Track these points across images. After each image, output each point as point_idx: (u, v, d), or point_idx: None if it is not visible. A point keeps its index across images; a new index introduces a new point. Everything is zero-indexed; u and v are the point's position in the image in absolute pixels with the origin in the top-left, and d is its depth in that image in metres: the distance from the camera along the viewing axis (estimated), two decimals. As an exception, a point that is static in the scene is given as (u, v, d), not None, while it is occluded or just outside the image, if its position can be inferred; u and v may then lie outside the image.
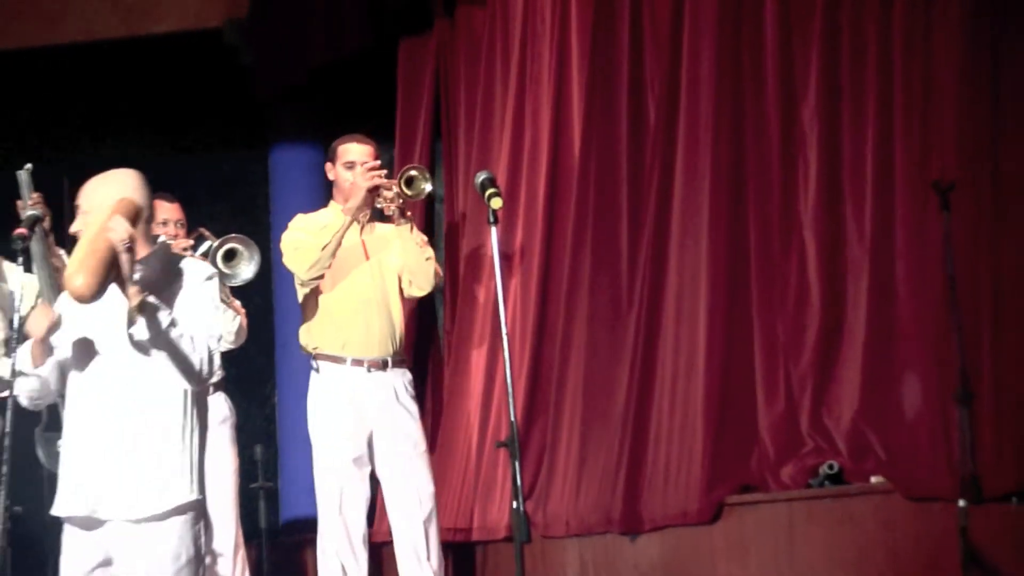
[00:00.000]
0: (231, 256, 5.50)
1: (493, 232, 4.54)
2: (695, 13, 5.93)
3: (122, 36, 7.41)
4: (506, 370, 4.42)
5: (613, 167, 6.08)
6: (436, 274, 5.55)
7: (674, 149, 5.90)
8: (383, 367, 5.42)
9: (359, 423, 5.38)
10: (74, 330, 3.80)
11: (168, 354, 3.67)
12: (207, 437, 5.42)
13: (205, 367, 3.74)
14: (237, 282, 5.53)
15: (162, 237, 3.97)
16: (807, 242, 5.70)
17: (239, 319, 5.62)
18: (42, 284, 4.99)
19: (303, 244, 5.36)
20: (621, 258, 6.01)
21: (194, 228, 5.62)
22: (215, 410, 5.61)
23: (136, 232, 3.72)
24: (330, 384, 5.41)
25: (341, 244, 5.33)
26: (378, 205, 5.44)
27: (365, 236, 5.51)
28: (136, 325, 3.61)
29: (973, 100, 5.36)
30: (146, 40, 7.41)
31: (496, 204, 4.55)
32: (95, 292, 3.53)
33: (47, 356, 3.79)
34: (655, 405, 5.72)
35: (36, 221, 4.46)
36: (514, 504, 4.23)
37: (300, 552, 6.19)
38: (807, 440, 5.51)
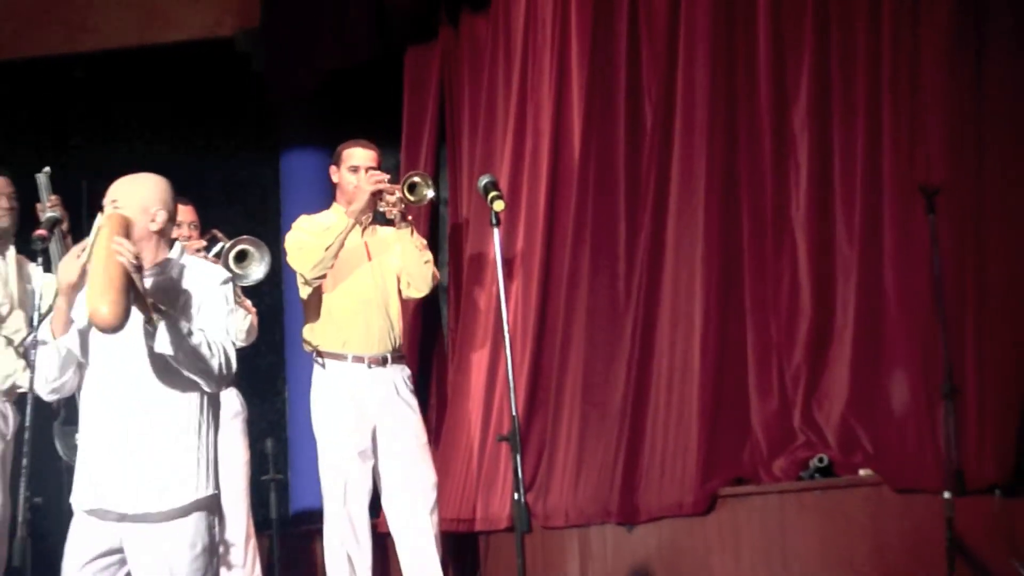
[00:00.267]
0: (242, 257, 5.50)
1: (495, 234, 4.54)
2: (690, 22, 5.94)
3: (140, 44, 7.41)
4: (508, 367, 4.41)
5: (611, 170, 6.08)
6: (434, 277, 5.55)
7: (670, 153, 5.91)
8: (383, 363, 5.43)
9: (362, 418, 5.38)
10: (93, 331, 3.71)
11: (188, 362, 3.65)
12: (220, 431, 5.45)
13: (224, 371, 3.72)
14: (248, 282, 5.52)
15: (175, 249, 3.92)
16: (798, 243, 5.71)
17: (250, 318, 5.61)
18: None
19: (307, 244, 5.37)
20: (619, 258, 6.01)
21: (207, 229, 5.61)
22: (227, 405, 5.61)
23: (142, 235, 3.71)
24: (332, 380, 5.41)
25: (344, 245, 5.33)
26: (380, 209, 5.44)
27: (367, 238, 5.51)
28: (156, 338, 3.58)
29: (959, 107, 5.37)
30: (162, 48, 7.41)
31: (498, 206, 4.55)
32: (121, 319, 3.48)
33: (68, 327, 3.68)
34: (651, 401, 5.73)
35: (55, 223, 4.46)
36: (515, 496, 4.22)
37: (309, 542, 6.18)
38: (798, 434, 5.53)
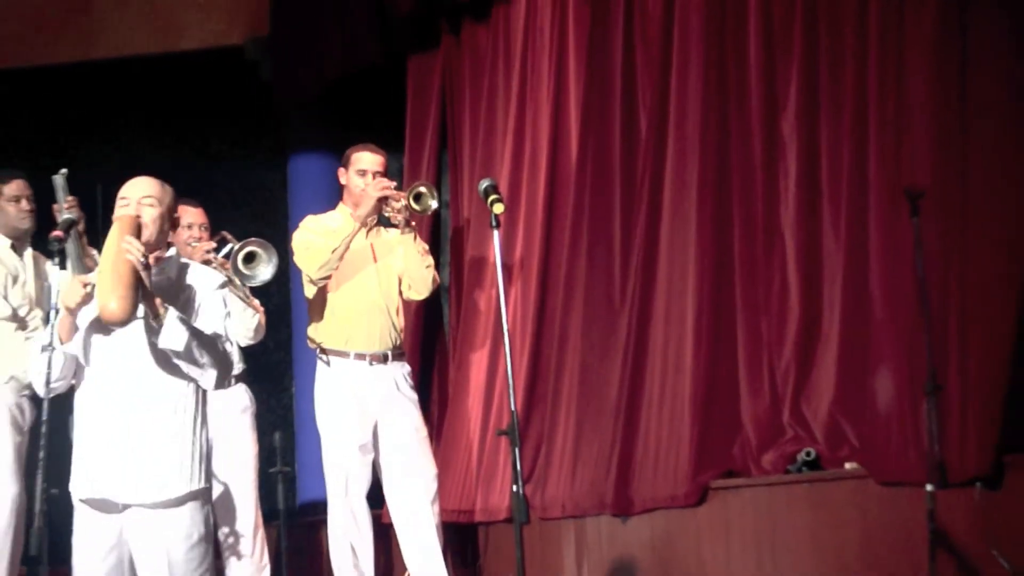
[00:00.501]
0: (251, 258, 5.50)
1: (495, 235, 4.55)
2: (684, 30, 5.93)
3: (152, 53, 7.43)
4: (507, 364, 4.42)
5: (607, 174, 6.08)
6: (434, 281, 5.55)
7: (664, 157, 5.90)
8: (384, 360, 5.44)
9: (363, 413, 5.39)
10: (97, 328, 3.75)
11: (191, 358, 3.68)
12: (230, 425, 5.48)
13: (224, 369, 3.76)
14: (256, 283, 5.51)
15: (172, 251, 3.93)
16: (788, 244, 5.70)
17: (258, 317, 5.61)
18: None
19: (313, 245, 5.37)
20: (614, 259, 6.01)
21: (217, 231, 5.62)
22: (236, 400, 5.62)
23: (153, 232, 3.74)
24: (336, 377, 5.42)
25: (349, 248, 5.34)
26: (385, 214, 5.45)
27: (373, 240, 5.52)
28: (161, 334, 3.62)
29: (943, 113, 5.36)
30: (174, 57, 7.43)
31: (498, 209, 4.55)
32: (130, 314, 3.55)
33: (73, 333, 3.71)
34: (645, 397, 5.72)
35: (71, 224, 4.46)
36: (514, 488, 4.23)
37: (316, 532, 6.19)
38: (787, 429, 5.52)
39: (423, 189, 5.45)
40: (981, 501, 4.92)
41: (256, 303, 5.62)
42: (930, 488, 4.71)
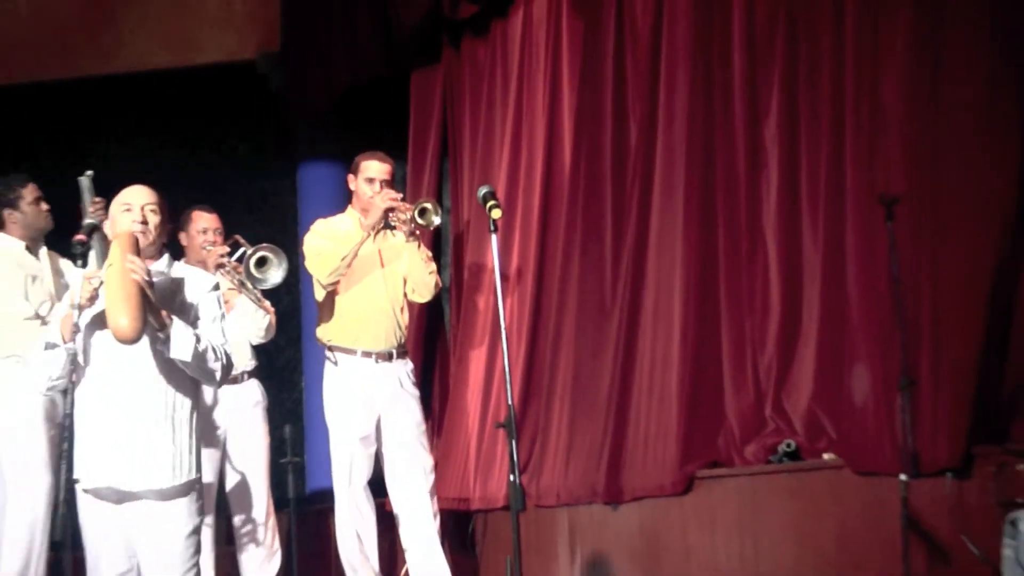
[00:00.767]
0: (262, 263, 5.50)
1: (493, 239, 4.55)
2: (671, 46, 5.95)
3: (169, 67, 7.44)
4: (504, 360, 4.42)
5: (599, 181, 6.09)
6: (436, 285, 5.58)
7: (652, 164, 5.92)
8: (389, 359, 5.46)
9: (368, 407, 5.41)
10: (96, 327, 3.77)
11: (196, 364, 3.73)
12: (243, 418, 5.49)
13: (224, 371, 3.82)
14: (267, 285, 5.52)
15: (164, 257, 3.97)
16: (769, 248, 5.71)
17: (269, 317, 5.62)
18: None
19: (324, 252, 5.39)
20: (606, 262, 6.03)
21: (230, 236, 5.62)
22: (249, 395, 5.64)
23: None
24: (343, 374, 5.44)
25: (357, 255, 5.37)
26: (391, 223, 5.46)
27: (380, 245, 5.53)
28: (171, 348, 3.67)
29: (917, 123, 5.38)
30: (191, 71, 7.44)
31: (496, 214, 4.55)
32: (140, 332, 3.60)
33: (75, 333, 3.71)
34: (635, 391, 5.74)
35: (94, 229, 4.47)
36: (511, 478, 4.22)
37: (324, 519, 6.19)
38: (768, 422, 5.54)
39: (428, 205, 5.45)
40: (951, 490, 4.94)
41: (267, 304, 5.62)
42: (903, 478, 4.74)
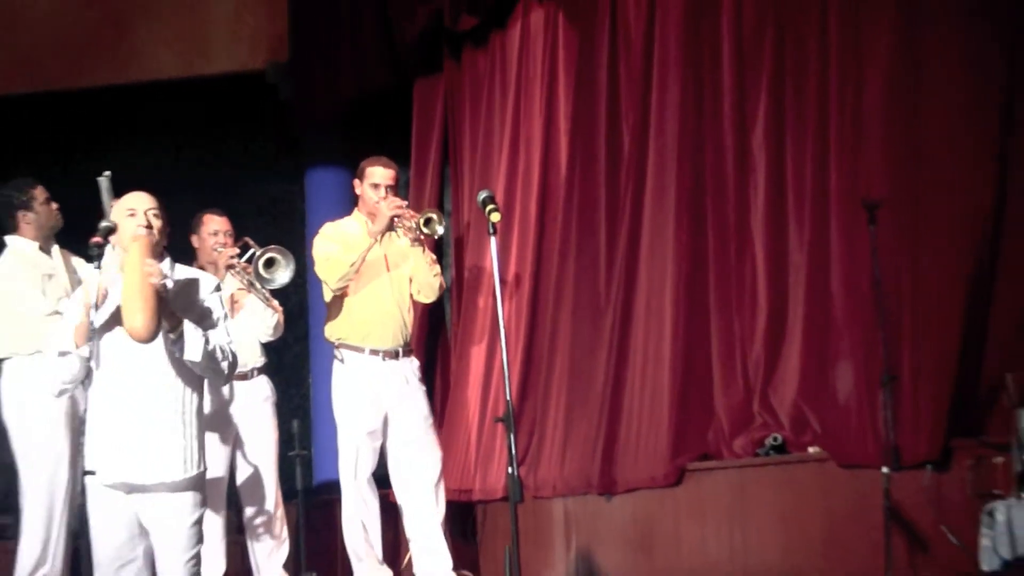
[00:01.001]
0: (271, 264, 5.49)
1: (492, 242, 4.54)
2: (663, 56, 5.95)
3: (181, 76, 7.43)
4: (503, 357, 4.42)
5: (593, 186, 6.09)
6: (440, 287, 5.58)
7: (645, 170, 5.92)
8: (395, 356, 5.45)
9: (376, 403, 5.41)
10: (108, 331, 3.76)
11: (206, 364, 3.74)
12: (253, 413, 5.49)
13: (231, 369, 3.84)
14: (275, 285, 5.51)
15: (166, 260, 3.95)
16: (757, 249, 5.72)
17: (277, 316, 5.61)
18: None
19: (333, 257, 5.38)
20: (600, 263, 6.03)
21: (240, 238, 5.62)
22: (259, 390, 5.63)
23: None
24: (351, 371, 5.43)
25: (365, 260, 5.37)
26: (396, 229, 5.45)
27: (386, 249, 5.52)
28: (185, 348, 3.67)
29: (898, 129, 5.39)
30: (202, 80, 7.43)
31: (495, 218, 4.55)
32: (155, 333, 3.62)
33: (88, 338, 3.70)
34: (628, 387, 5.74)
35: (110, 231, 4.47)
36: (509, 470, 4.22)
37: (331, 509, 6.19)
38: (756, 416, 5.54)
39: (433, 216, 5.44)
40: (931, 482, 4.95)
41: (275, 303, 5.62)
42: (885, 470, 4.75)
